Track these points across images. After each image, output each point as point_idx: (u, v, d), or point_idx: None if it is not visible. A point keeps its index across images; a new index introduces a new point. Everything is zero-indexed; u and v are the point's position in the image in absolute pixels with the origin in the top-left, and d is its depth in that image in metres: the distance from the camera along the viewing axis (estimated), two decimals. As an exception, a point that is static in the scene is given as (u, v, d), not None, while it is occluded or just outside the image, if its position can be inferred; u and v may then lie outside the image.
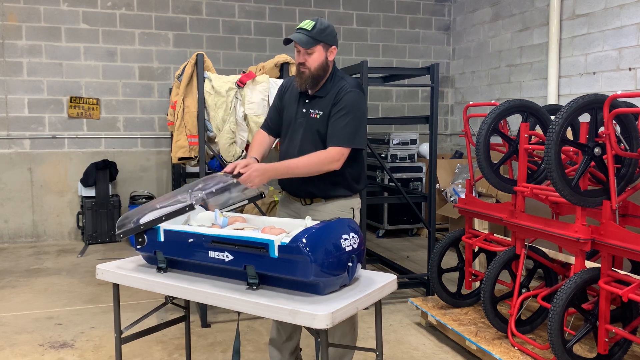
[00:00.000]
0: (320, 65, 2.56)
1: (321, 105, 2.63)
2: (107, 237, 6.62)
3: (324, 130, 2.60)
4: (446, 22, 8.26)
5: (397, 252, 6.24)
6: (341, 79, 2.66)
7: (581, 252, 2.89)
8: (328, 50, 2.58)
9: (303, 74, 2.58)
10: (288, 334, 2.90)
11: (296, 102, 2.71)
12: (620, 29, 5.34)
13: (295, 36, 2.52)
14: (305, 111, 2.67)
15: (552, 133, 2.78)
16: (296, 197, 2.75)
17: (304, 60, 2.55)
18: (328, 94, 2.62)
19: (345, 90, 2.59)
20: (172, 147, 4.24)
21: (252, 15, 7.35)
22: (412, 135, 7.11)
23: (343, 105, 2.57)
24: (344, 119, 2.55)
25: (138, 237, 2.41)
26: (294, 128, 2.70)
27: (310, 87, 2.62)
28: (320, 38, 2.53)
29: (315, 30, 2.51)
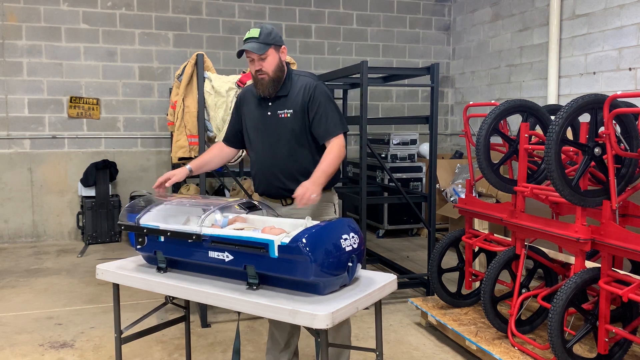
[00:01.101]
0: (276, 67, 2.64)
1: (288, 104, 2.69)
2: (107, 237, 6.62)
3: (298, 127, 2.68)
4: (446, 22, 8.26)
5: (397, 252, 6.24)
6: (299, 76, 2.76)
7: (581, 252, 2.89)
8: (279, 51, 2.66)
9: (263, 80, 2.65)
10: (285, 341, 2.89)
11: (257, 108, 2.77)
12: (620, 29, 5.34)
13: (247, 45, 2.60)
14: (270, 114, 2.72)
15: (552, 133, 2.78)
16: (276, 199, 2.80)
17: (260, 67, 2.62)
18: (290, 92, 2.70)
19: (312, 86, 2.69)
20: (172, 147, 4.25)
21: (252, 15, 7.35)
22: (412, 135, 7.11)
23: (319, 99, 2.67)
24: (327, 111, 2.67)
25: (138, 237, 2.41)
26: (263, 132, 2.75)
27: (273, 91, 2.68)
28: (269, 41, 2.61)
29: (262, 35, 2.60)
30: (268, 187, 2.78)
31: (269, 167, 2.74)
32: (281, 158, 2.71)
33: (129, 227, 2.43)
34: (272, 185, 2.75)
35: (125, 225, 2.44)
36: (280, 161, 2.71)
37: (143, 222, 2.41)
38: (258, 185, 2.83)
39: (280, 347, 2.90)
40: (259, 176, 2.81)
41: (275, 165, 2.72)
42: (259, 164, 2.78)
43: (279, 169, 2.71)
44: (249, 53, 2.61)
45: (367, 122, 4.16)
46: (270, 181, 2.74)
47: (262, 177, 2.78)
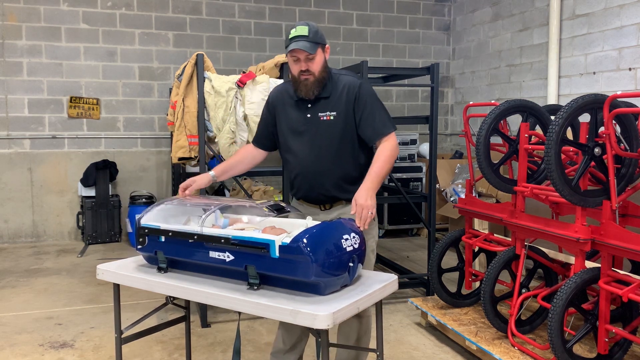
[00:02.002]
0: (322, 67, 2.53)
1: (330, 106, 2.57)
2: (107, 237, 6.61)
3: (341, 130, 2.56)
4: (446, 22, 8.26)
5: (397, 252, 6.24)
6: (339, 75, 2.63)
7: (581, 252, 2.89)
8: (325, 50, 2.56)
9: (307, 81, 2.51)
10: (292, 344, 2.82)
11: (294, 109, 2.64)
12: (620, 29, 5.35)
13: (299, 44, 2.44)
14: (310, 116, 2.59)
15: (552, 133, 2.78)
16: (314, 204, 2.67)
17: (307, 67, 2.49)
18: (332, 93, 2.57)
19: (356, 85, 2.57)
20: (172, 147, 4.25)
21: (252, 15, 7.35)
22: (412, 135, 7.11)
23: (365, 99, 2.56)
24: (374, 111, 2.56)
25: (139, 237, 2.41)
26: (303, 135, 2.61)
27: (317, 92, 2.55)
28: (318, 40, 2.50)
29: (311, 34, 2.47)
30: (309, 192, 2.66)
31: (312, 171, 2.61)
32: (324, 163, 2.58)
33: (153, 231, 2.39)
34: (314, 190, 2.63)
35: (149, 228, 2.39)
36: (323, 166, 2.58)
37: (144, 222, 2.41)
38: (298, 189, 2.70)
39: (285, 349, 2.84)
40: (299, 181, 2.67)
41: (318, 170, 2.59)
42: (300, 168, 2.64)
43: (321, 174, 2.59)
44: (296, 52, 2.46)
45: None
46: (312, 186, 2.62)
47: (303, 181, 2.65)
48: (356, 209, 2.32)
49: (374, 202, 2.35)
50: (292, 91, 2.63)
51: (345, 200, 2.63)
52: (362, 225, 2.28)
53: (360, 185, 2.41)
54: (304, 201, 2.72)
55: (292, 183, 2.74)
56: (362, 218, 2.29)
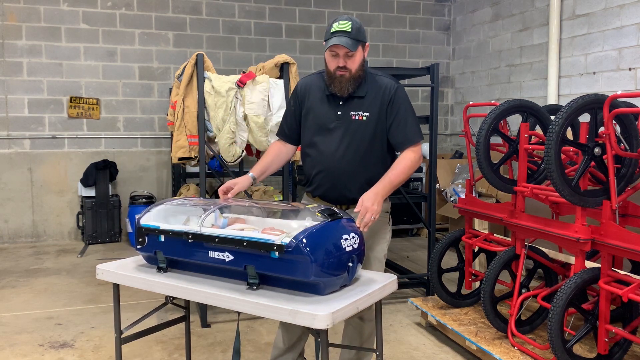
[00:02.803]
0: (360, 65, 2.46)
1: (364, 106, 2.51)
2: (107, 237, 6.62)
3: (372, 132, 2.51)
4: (446, 22, 8.26)
5: (397, 252, 6.24)
6: (375, 75, 2.56)
7: (581, 252, 2.89)
8: (364, 48, 2.49)
9: (343, 77, 2.45)
10: (292, 343, 2.79)
11: (325, 104, 2.56)
12: (620, 29, 5.34)
13: (341, 40, 2.38)
14: (341, 113, 2.52)
15: (552, 133, 2.78)
16: (332, 204, 2.56)
17: (344, 64, 2.42)
18: (368, 93, 2.51)
19: (392, 88, 2.52)
20: (172, 147, 4.25)
21: (252, 15, 7.35)
22: (412, 135, 7.09)
23: (399, 104, 2.51)
24: (407, 118, 2.52)
25: (139, 237, 2.41)
26: (331, 133, 2.54)
27: (352, 90, 2.49)
28: (360, 37, 2.43)
29: (354, 30, 2.40)
30: (329, 191, 2.58)
31: (337, 170, 2.54)
32: (351, 163, 2.52)
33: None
34: (336, 189, 2.56)
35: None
36: (349, 166, 2.52)
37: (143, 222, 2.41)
38: (317, 186, 2.61)
39: (284, 348, 2.81)
40: (320, 178, 2.59)
41: (344, 169, 2.53)
42: (323, 166, 2.56)
43: (347, 175, 2.53)
44: (337, 47, 2.40)
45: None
46: (334, 185, 2.55)
47: (325, 179, 2.57)
48: (361, 210, 2.28)
49: (380, 208, 2.31)
50: (323, 85, 2.56)
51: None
52: (362, 227, 2.24)
53: (371, 188, 2.36)
54: (321, 199, 2.63)
55: (311, 179, 2.64)
56: (364, 221, 2.26)
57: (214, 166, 5.36)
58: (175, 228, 2.30)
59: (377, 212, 2.28)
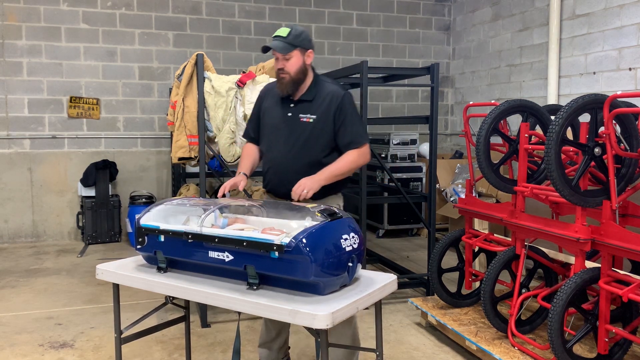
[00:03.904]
0: (299, 69, 2.67)
1: (312, 109, 2.72)
2: (107, 237, 6.61)
3: (318, 134, 2.71)
4: (446, 22, 8.26)
5: (397, 252, 6.24)
6: (325, 83, 2.79)
7: (581, 252, 2.89)
8: (305, 54, 2.69)
9: (284, 79, 2.68)
10: (277, 330, 2.97)
11: (278, 106, 2.79)
12: (620, 29, 5.34)
13: (273, 43, 2.64)
14: (291, 115, 2.75)
15: (552, 133, 2.78)
16: (282, 199, 2.76)
17: (282, 66, 2.65)
18: (316, 98, 2.73)
19: (339, 94, 2.73)
20: (172, 147, 4.24)
21: (252, 15, 7.35)
22: (412, 135, 7.11)
23: (346, 109, 2.72)
24: (353, 122, 2.74)
25: (138, 237, 2.41)
26: (281, 132, 2.76)
27: (292, 91, 2.72)
28: (296, 43, 2.64)
29: (290, 36, 2.63)
30: (278, 186, 2.79)
31: (283, 167, 2.75)
32: (296, 161, 2.72)
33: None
34: (283, 185, 2.73)
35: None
36: (295, 164, 2.72)
37: (143, 222, 2.41)
38: (268, 182, 2.86)
39: (272, 336, 2.99)
40: (270, 174, 2.82)
41: (290, 167, 2.73)
42: (273, 162, 2.80)
43: (292, 172, 2.70)
44: (273, 51, 2.65)
45: (367, 122, 4.16)
46: (281, 181, 2.75)
47: (274, 175, 2.80)
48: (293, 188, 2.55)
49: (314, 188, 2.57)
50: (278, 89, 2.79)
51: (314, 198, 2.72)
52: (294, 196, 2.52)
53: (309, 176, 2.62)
54: (272, 194, 2.87)
55: (264, 175, 2.89)
56: (297, 191, 2.53)
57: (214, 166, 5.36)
58: (175, 228, 2.30)
59: (311, 189, 2.55)
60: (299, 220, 2.26)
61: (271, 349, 3.01)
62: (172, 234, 2.29)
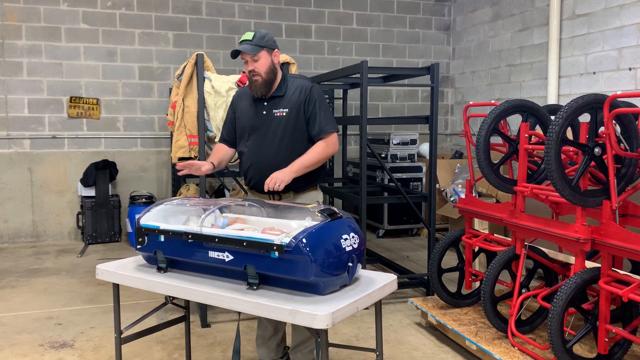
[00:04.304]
0: (268, 68, 2.80)
1: (283, 104, 2.86)
2: (107, 237, 6.61)
3: (292, 126, 2.85)
4: (446, 22, 8.26)
5: (397, 252, 6.24)
6: (294, 79, 2.95)
7: (581, 252, 2.89)
8: (272, 54, 2.82)
9: (257, 81, 2.81)
10: (274, 327, 3.03)
11: (252, 107, 2.92)
12: (620, 29, 5.34)
13: (241, 47, 2.76)
14: (266, 113, 2.88)
15: (552, 133, 2.78)
16: (264, 195, 2.90)
17: (253, 68, 2.78)
18: (286, 93, 2.87)
19: (307, 87, 2.88)
20: (172, 147, 4.25)
21: (252, 15, 7.35)
22: (412, 135, 7.11)
23: (314, 100, 2.87)
24: (322, 111, 2.88)
25: (138, 237, 2.41)
26: (258, 129, 2.89)
27: (266, 92, 2.85)
28: (262, 44, 2.77)
29: (255, 38, 2.77)
30: (259, 182, 2.86)
31: (262, 162, 2.86)
32: (274, 155, 2.85)
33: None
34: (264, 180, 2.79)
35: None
36: (273, 158, 2.84)
37: (143, 222, 2.41)
38: (250, 179, 2.96)
39: (270, 333, 3.05)
40: (251, 171, 2.92)
41: (268, 161, 2.84)
42: (252, 159, 2.91)
43: (271, 165, 2.80)
44: (243, 55, 2.77)
45: (367, 122, 4.16)
46: (263, 176, 2.80)
47: (255, 172, 2.90)
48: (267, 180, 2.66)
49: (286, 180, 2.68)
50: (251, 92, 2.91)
51: (295, 192, 2.90)
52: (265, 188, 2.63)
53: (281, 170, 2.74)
54: (255, 191, 2.97)
55: (245, 174, 2.98)
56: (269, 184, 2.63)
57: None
58: (175, 228, 2.30)
59: (282, 181, 2.65)
60: (299, 220, 2.27)
61: (270, 346, 3.07)
62: (172, 234, 2.29)
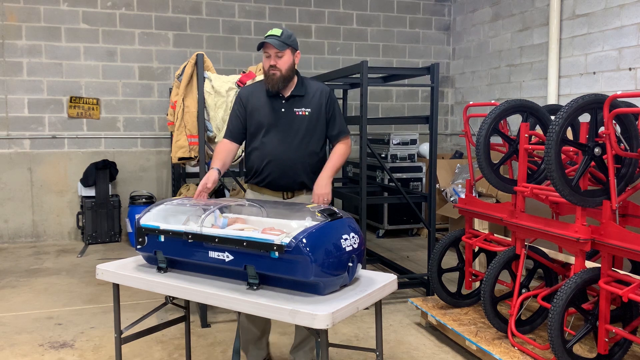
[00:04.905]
0: (289, 67, 2.85)
1: (305, 104, 2.93)
2: (107, 237, 6.61)
3: (314, 125, 2.93)
4: (446, 22, 8.26)
5: (397, 252, 6.24)
6: (310, 81, 3.03)
7: (581, 252, 2.89)
8: (294, 54, 2.89)
9: (274, 76, 2.84)
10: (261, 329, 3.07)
11: (269, 103, 2.93)
12: (620, 29, 5.34)
13: (270, 40, 2.80)
14: (285, 110, 2.91)
15: (552, 133, 2.78)
16: (279, 192, 2.95)
17: (275, 63, 2.82)
18: (307, 94, 2.94)
19: (327, 90, 2.99)
20: (172, 147, 4.25)
21: (252, 15, 7.35)
22: (412, 135, 7.11)
23: (334, 103, 3.00)
24: (339, 114, 3.03)
25: (138, 237, 2.41)
26: (278, 127, 2.90)
27: (282, 88, 2.88)
28: (289, 42, 2.83)
29: (283, 36, 2.82)
30: (280, 179, 2.91)
31: (283, 159, 2.89)
32: (294, 152, 2.89)
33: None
34: (287, 176, 2.90)
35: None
36: (296, 155, 2.89)
37: (143, 222, 2.41)
38: (267, 175, 2.93)
39: (257, 336, 3.07)
40: (270, 167, 2.91)
41: (291, 158, 2.89)
42: (272, 156, 2.90)
43: (296, 163, 2.89)
44: (268, 47, 2.81)
45: (367, 122, 4.16)
46: (285, 172, 2.89)
47: (276, 168, 2.90)
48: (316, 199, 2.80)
49: (330, 190, 2.85)
50: (264, 89, 2.94)
51: (306, 190, 2.98)
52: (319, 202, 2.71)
53: (319, 176, 2.87)
54: (267, 189, 2.96)
55: (260, 170, 2.95)
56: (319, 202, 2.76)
57: (214, 166, 5.36)
58: (175, 228, 2.30)
59: (329, 194, 2.82)
60: (299, 220, 2.27)
61: (260, 346, 3.11)
62: (172, 234, 2.29)
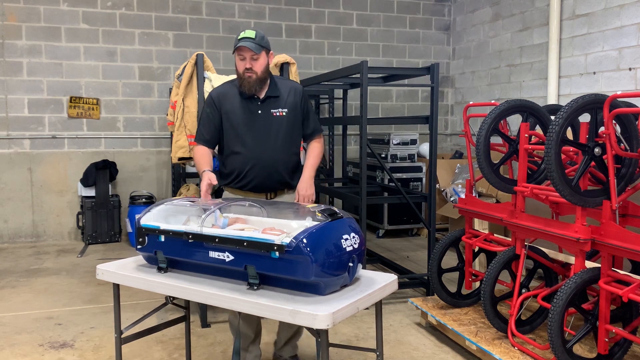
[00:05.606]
0: (265, 68, 2.85)
1: (281, 104, 2.93)
2: (107, 237, 6.61)
3: (291, 125, 2.94)
4: (446, 22, 8.26)
5: (397, 252, 6.24)
6: (282, 79, 3.05)
7: (581, 252, 2.89)
8: (268, 55, 2.89)
9: (250, 79, 2.81)
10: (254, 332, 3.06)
11: (244, 106, 2.90)
12: (620, 29, 5.35)
13: (246, 43, 2.75)
14: (262, 112, 2.90)
15: (552, 133, 2.78)
16: (262, 193, 2.95)
17: (251, 66, 2.79)
18: (281, 93, 2.94)
19: (300, 89, 3.01)
20: (172, 147, 4.25)
21: (252, 15, 7.35)
22: (412, 135, 7.11)
23: (307, 101, 3.03)
24: (312, 113, 3.06)
25: (139, 237, 2.41)
26: (255, 129, 2.89)
27: (257, 90, 2.86)
28: (263, 44, 2.83)
29: (258, 37, 2.80)
30: (264, 181, 2.91)
31: (271, 162, 2.89)
32: (279, 153, 2.90)
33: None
34: (271, 177, 2.91)
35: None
36: (279, 156, 2.90)
37: (143, 222, 2.41)
38: (252, 179, 2.91)
39: (251, 339, 3.05)
40: (255, 171, 2.89)
41: (274, 159, 2.89)
42: (254, 159, 2.89)
43: (278, 163, 2.90)
44: (243, 51, 2.77)
45: (367, 122, 4.16)
46: (270, 175, 2.89)
47: (260, 171, 2.89)
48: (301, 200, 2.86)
49: (313, 190, 2.91)
50: (237, 90, 2.91)
51: (287, 189, 2.99)
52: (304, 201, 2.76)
53: (302, 177, 2.92)
54: (251, 192, 2.94)
55: (243, 174, 2.91)
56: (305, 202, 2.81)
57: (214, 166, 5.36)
58: (176, 228, 2.30)
59: (313, 194, 2.87)
60: (299, 220, 2.27)
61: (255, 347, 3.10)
62: (172, 234, 2.29)
